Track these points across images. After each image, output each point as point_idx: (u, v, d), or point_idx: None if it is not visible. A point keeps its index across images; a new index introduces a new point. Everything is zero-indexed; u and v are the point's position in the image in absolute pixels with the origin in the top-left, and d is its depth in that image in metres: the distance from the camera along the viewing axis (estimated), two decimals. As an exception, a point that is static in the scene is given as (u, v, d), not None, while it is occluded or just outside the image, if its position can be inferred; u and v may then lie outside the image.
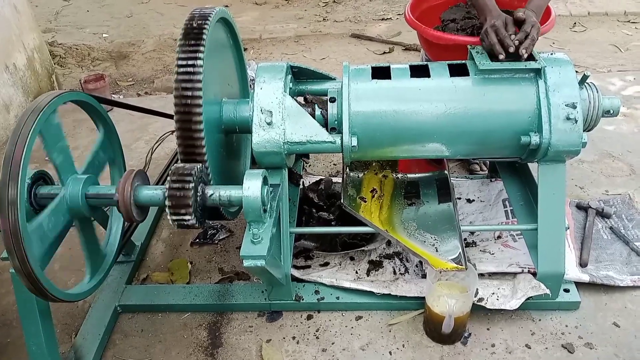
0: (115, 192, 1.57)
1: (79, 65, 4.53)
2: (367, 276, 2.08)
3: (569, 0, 5.06)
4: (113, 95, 3.89)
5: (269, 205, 1.61)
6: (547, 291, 1.87)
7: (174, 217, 1.52)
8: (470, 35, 2.21)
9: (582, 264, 2.05)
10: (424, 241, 1.91)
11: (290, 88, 1.85)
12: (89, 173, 1.71)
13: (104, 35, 5.23)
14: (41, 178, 1.67)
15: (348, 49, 4.56)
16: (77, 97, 1.72)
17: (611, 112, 1.79)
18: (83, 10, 6.00)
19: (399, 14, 5.17)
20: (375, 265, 2.11)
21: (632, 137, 2.92)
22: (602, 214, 2.30)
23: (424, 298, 1.86)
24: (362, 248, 2.15)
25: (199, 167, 1.56)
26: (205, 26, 1.63)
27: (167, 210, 1.52)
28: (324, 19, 5.31)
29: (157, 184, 2.49)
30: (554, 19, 2.16)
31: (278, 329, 1.95)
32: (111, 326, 1.99)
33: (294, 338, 1.91)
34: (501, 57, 1.72)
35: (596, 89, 1.78)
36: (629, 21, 4.66)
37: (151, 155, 3.00)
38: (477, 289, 1.88)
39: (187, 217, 1.51)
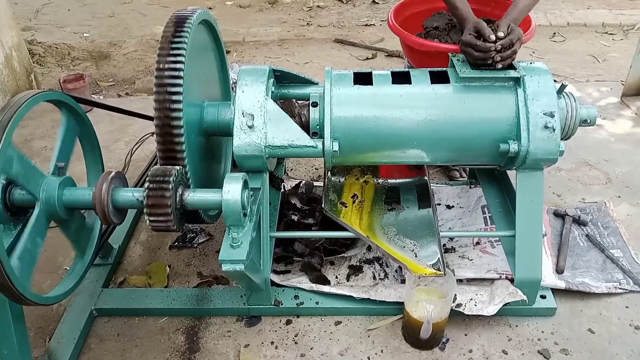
0: (93, 193, 1.55)
1: (59, 65, 4.47)
2: (347, 281, 2.08)
3: (548, 11, 5.15)
4: (93, 96, 3.84)
5: (249, 209, 1.60)
6: (524, 297, 1.89)
7: (152, 219, 1.50)
8: (452, 43, 2.24)
9: (559, 271, 2.08)
10: (404, 246, 1.92)
11: (272, 92, 1.84)
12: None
13: (85, 34, 5.17)
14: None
15: (331, 54, 4.58)
16: (55, 96, 1.69)
17: (588, 121, 1.82)
18: (64, 9, 5.92)
19: (383, 21, 5.21)
20: (355, 270, 2.12)
21: (608, 146, 2.98)
22: (579, 222, 2.34)
23: (403, 303, 1.86)
24: (342, 254, 2.15)
25: (178, 169, 1.54)
26: (187, 28, 1.62)
27: (144, 212, 1.50)
28: (307, 24, 5.32)
29: (136, 186, 2.46)
30: (534, 28, 2.19)
31: (256, 334, 1.94)
32: (87, 330, 1.95)
33: (272, 343, 1.90)
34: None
35: (574, 99, 1.80)
36: (606, 32, 4.76)
37: (130, 157, 2.96)
38: (455, 295, 1.89)
39: (165, 220, 1.50)
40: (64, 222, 1.69)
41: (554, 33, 4.77)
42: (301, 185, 2.47)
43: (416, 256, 1.87)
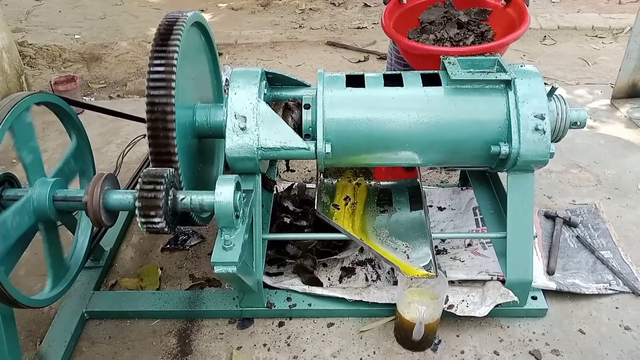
0: (84, 195, 1.55)
1: (50, 67, 4.45)
2: (340, 283, 2.08)
3: (539, 14, 5.19)
4: (84, 98, 3.83)
5: (241, 211, 1.60)
6: (516, 298, 1.90)
7: (144, 221, 1.50)
8: (447, 38, 2.22)
9: (550, 272, 2.09)
10: (396, 248, 1.93)
11: (265, 94, 1.85)
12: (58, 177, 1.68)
13: (76, 36, 5.15)
14: (7, 180, 1.63)
15: (323, 57, 4.59)
16: (47, 98, 1.68)
17: (578, 123, 1.84)
18: (55, 10, 5.90)
19: (375, 23, 5.22)
20: (347, 272, 2.12)
21: (598, 149, 3.00)
22: (569, 223, 2.35)
23: (395, 305, 1.87)
24: (335, 256, 2.16)
25: (170, 171, 1.54)
26: (180, 30, 1.62)
27: (136, 214, 1.50)
28: (300, 26, 5.33)
29: (127, 188, 2.45)
30: (528, 19, 2.15)
31: (249, 336, 1.94)
32: (78, 333, 1.94)
33: (265, 345, 1.90)
34: None
35: (564, 101, 1.82)
36: (596, 36, 4.80)
37: (122, 159, 2.96)
38: (447, 296, 1.90)
39: (157, 222, 1.49)
40: (52, 228, 1.68)
41: (545, 36, 4.81)
42: (294, 187, 2.47)
43: (408, 258, 1.87)
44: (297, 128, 1.83)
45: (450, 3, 2.38)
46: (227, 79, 1.98)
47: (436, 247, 2.21)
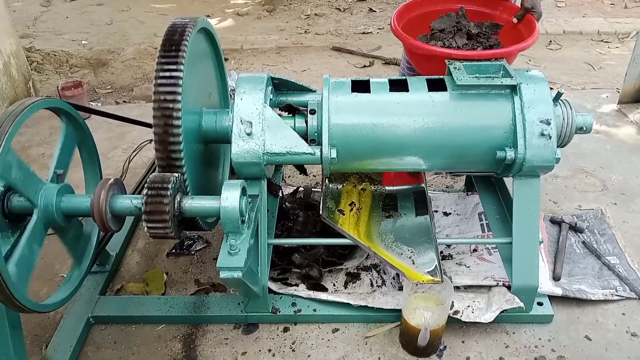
0: (91, 200, 1.55)
1: (57, 72, 4.48)
2: (345, 288, 2.08)
3: (545, 19, 5.18)
4: (91, 103, 3.85)
5: (247, 216, 1.61)
6: (521, 304, 1.89)
7: (150, 226, 1.51)
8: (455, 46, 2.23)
9: (556, 278, 2.08)
10: (401, 253, 1.92)
11: (270, 99, 1.85)
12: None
13: (83, 42, 5.19)
14: (10, 189, 1.63)
15: (329, 62, 4.60)
16: (55, 104, 1.69)
17: (584, 129, 1.83)
18: (62, 16, 5.94)
19: (380, 28, 5.23)
20: (352, 277, 2.12)
21: (604, 154, 2.99)
22: (575, 229, 2.34)
23: (400, 310, 1.86)
24: (340, 267, 2.15)
25: (176, 176, 1.55)
26: (186, 36, 1.63)
27: (143, 219, 1.50)
28: (305, 32, 5.34)
29: (134, 193, 2.46)
30: (537, 31, 2.16)
31: (254, 341, 1.94)
32: (83, 338, 1.95)
33: (269, 351, 1.90)
34: None
35: (570, 106, 1.82)
36: (602, 40, 4.80)
37: (128, 164, 2.96)
38: (452, 302, 1.89)
39: (163, 227, 1.50)
40: (62, 229, 1.69)
41: (550, 41, 4.80)
42: (299, 190, 2.47)
43: (414, 263, 1.87)
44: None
45: (463, 14, 2.39)
46: (232, 88, 1.99)
47: (441, 252, 2.21)
